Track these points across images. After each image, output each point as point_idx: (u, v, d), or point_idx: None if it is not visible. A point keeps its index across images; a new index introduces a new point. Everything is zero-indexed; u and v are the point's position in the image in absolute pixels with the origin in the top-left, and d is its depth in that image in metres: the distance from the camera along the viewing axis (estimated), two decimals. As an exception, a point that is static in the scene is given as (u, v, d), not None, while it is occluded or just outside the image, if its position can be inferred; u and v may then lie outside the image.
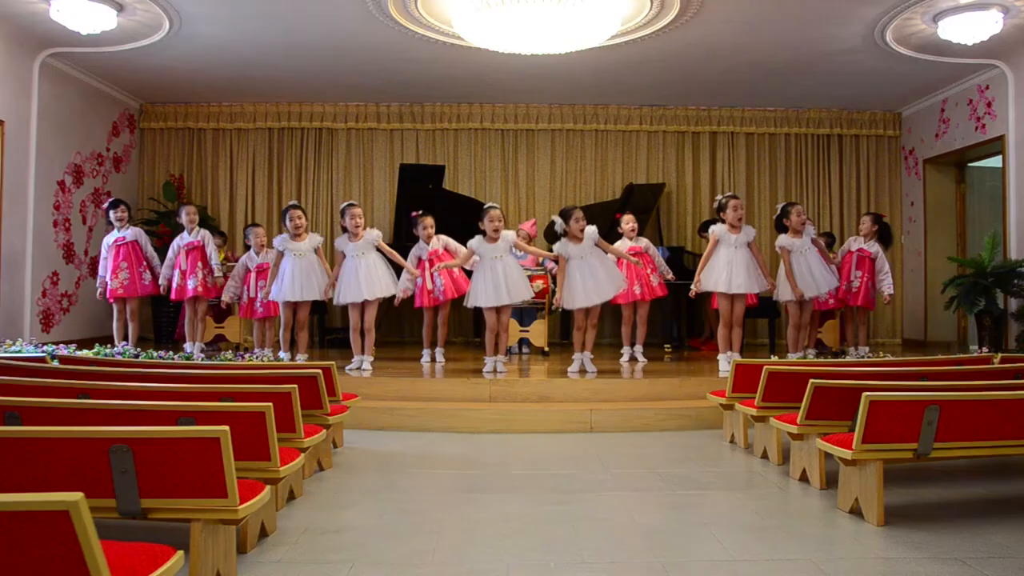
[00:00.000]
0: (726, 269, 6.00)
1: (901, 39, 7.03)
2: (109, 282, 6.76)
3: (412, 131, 9.61)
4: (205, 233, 6.92)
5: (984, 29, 6.34)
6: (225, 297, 6.89)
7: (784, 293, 6.31)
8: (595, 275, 5.78)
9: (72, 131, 8.05)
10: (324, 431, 3.65)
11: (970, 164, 9.01)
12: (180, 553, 1.88)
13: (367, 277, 6.05)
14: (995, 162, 8.41)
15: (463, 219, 7.80)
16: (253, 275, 6.74)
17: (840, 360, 5.99)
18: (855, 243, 7.01)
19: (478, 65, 7.84)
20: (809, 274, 6.25)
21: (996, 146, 7.95)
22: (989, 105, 7.93)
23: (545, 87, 8.74)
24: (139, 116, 9.47)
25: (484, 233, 5.81)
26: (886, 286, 6.79)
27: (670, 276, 6.82)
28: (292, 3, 6.33)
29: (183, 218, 6.96)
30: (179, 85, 8.69)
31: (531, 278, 7.16)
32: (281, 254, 6.21)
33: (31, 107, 7.35)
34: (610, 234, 7.19)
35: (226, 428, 2.19)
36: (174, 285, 6.82)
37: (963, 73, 8.02)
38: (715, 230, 6.14)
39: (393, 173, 9.33)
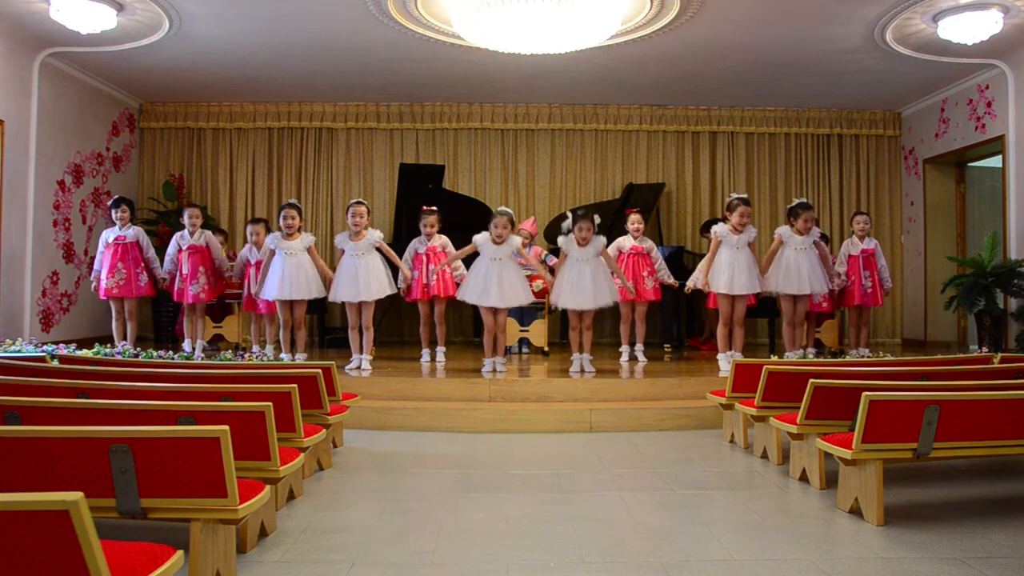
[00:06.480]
0: (728, 270, 6.00)
1: (901, 39, 7.03)
2: (104, 280, 6.74)
3: (412, 131, 9.61)
4: (208, 236, 6.93)
5: (984, 29, 6.34)
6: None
7: (771, 284, 6.28)
8: (583, 282, 5.86)
9: (72, 131, 8.05)
10: (324, 431, 3.65)
11: (970, 164, 9.00)
12: (180, 553, 1.88)
13: (365, 277, 6.08)
14: (995, 162, 8.41)
15: (463, 219, 7.80)
16: (253, 270, 6.76)
17: (840, 360, 5.98)
18: (854, 247, 6.95)
19: (478, 65, 7.83)
20: (796, 271, 6.20)
21: (996, 146, 7.94)
22: (989, 105, 7.93)
23: (545, 87, 8.74)
24: (139, 115, 9.46)
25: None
26: (887, 278, 6.99)
27: (671, 281, 6.74)
28: (292, 3, 6.33)
29: (185, 219, 6.97)
30: (179, 85, 8.68)
31: (531, 278, 7.16)
32: (273, 252, 6.24)
33: (31, 107, 7.35)
34: (611, 233, 7.18)
35: (226, 428, 2.19)
36: (176, 287, 6.82)
37: (963, 73, 8.02)
38: (717, 231, 6.12)
39: (393, 173, 9.33)
